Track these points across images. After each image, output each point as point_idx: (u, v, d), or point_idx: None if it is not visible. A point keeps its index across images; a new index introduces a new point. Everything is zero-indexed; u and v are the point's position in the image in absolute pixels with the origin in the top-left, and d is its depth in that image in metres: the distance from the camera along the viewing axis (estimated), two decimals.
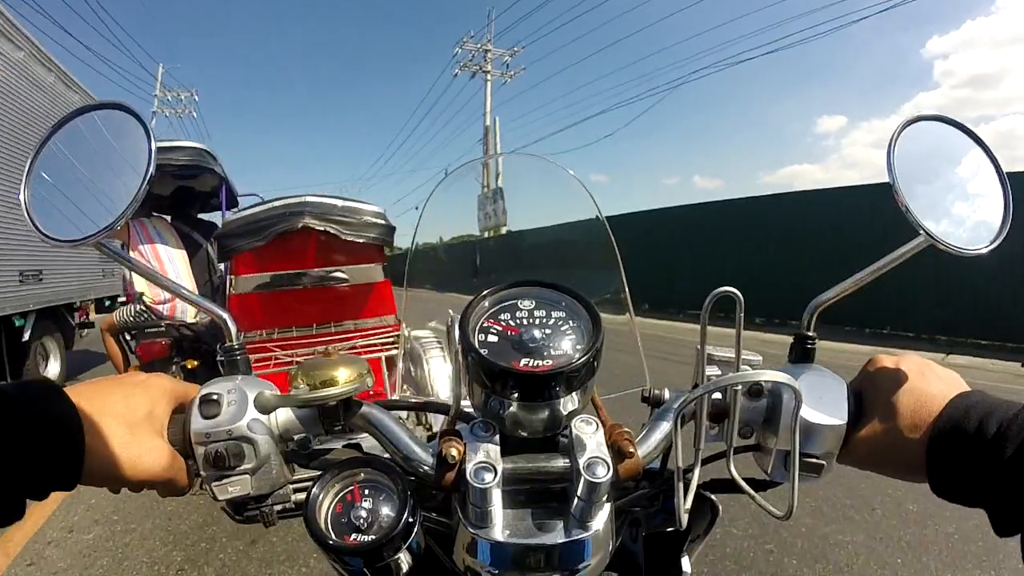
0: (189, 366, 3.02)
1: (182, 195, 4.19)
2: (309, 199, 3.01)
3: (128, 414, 0.44)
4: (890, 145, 0.50)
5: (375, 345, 2.82)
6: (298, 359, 2.64)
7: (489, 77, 23.09)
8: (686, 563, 0.58)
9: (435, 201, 0.78)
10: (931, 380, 0.44)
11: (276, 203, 3.04)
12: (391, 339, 2.94)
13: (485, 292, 0.48)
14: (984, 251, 0.51)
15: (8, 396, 0.38)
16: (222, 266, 3.68)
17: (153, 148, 0.50)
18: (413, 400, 0.58)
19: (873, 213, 6.65)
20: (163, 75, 27.55)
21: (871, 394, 0.47)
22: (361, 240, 3.03)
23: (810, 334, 0.51)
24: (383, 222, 3.14)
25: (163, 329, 3.18)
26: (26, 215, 0.48)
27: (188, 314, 3.38)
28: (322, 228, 2.91)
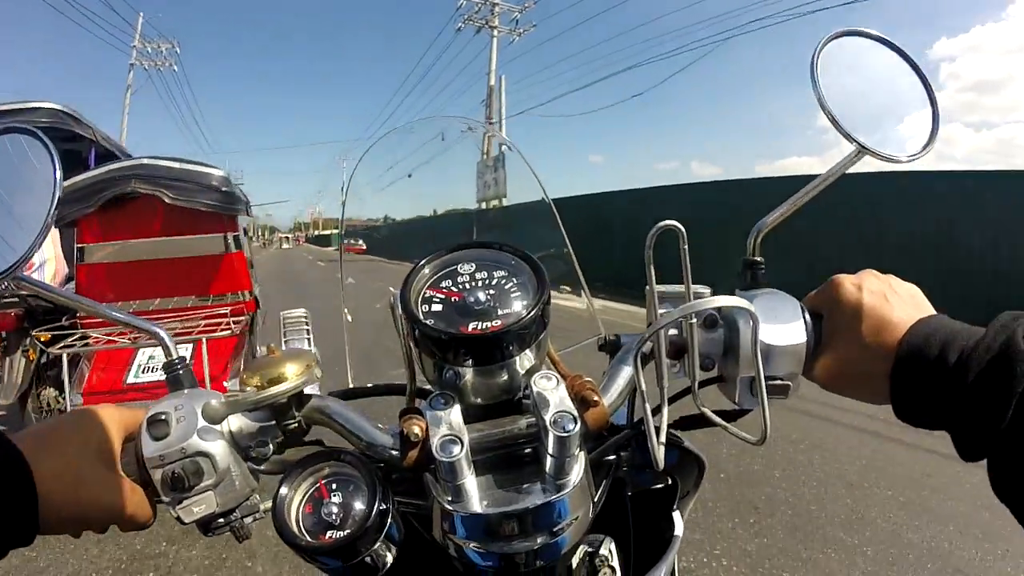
0: (43, 339, 2.72)
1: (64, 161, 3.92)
2: (143, 162, 2.86)
3: (77, 453, 0.42)
4: (813, 59, 0.50)
5: (222, 323, 2.63)
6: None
7: (496, 33, 20.64)
8: (678, 519, 0.58)
9: (428, 167, 0.75)
10: (894, 304, 0.44)
11: (109, 167, 2.88)
12: (244, 318, 2.81)
13: (422, 261, 0.47)
14: (914, 159, 0.51)
15: None
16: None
17: (59, 173, 0.48)
18: (368, 386, 0.57)
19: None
20: (143, 24, 25.14)
21: (834, 317, 0.47)
22: (201, 208, 2.88)
23: (758, 259, 0.50)
24: (225, 188, 2.96)
25: (16, 300, 2.94)
26: None
27: (45, 281, 3.19)
28: (150, 192, 2.76)
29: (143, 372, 2.54)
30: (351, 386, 0.57)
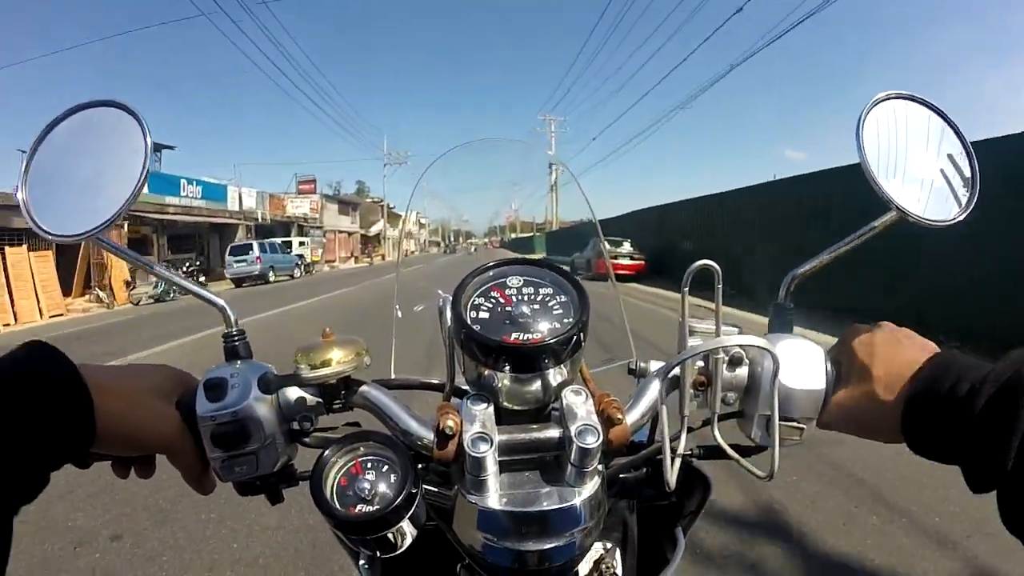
0: None
1: None
2: None
3: (133, 384, 0.45)
4: (859, 123, 0.52)
5: None
6: None
7: None
8: (680, 536, 0.61)
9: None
10: (906, 345, 0.46)
11: None
12: None
13: (475, 271, 0.50)
14: (952, 222, 0.53)
15: (16, 359, 0.39)
16: None
17: (149, 144, 0.51)
18: (410, 379, 0.60)
19: None
20: None
21: (849, 361, 0.48)
22: None
23: (789, 305, 0.53)
24: None
25: None
26: (25, 212, 0.49)
27: None
28: None
29: None
30: (393, 377, 0.61)
